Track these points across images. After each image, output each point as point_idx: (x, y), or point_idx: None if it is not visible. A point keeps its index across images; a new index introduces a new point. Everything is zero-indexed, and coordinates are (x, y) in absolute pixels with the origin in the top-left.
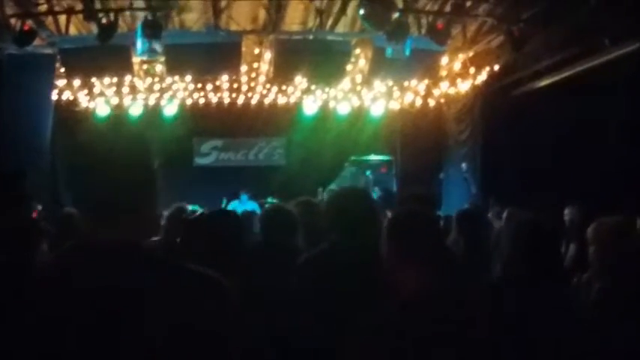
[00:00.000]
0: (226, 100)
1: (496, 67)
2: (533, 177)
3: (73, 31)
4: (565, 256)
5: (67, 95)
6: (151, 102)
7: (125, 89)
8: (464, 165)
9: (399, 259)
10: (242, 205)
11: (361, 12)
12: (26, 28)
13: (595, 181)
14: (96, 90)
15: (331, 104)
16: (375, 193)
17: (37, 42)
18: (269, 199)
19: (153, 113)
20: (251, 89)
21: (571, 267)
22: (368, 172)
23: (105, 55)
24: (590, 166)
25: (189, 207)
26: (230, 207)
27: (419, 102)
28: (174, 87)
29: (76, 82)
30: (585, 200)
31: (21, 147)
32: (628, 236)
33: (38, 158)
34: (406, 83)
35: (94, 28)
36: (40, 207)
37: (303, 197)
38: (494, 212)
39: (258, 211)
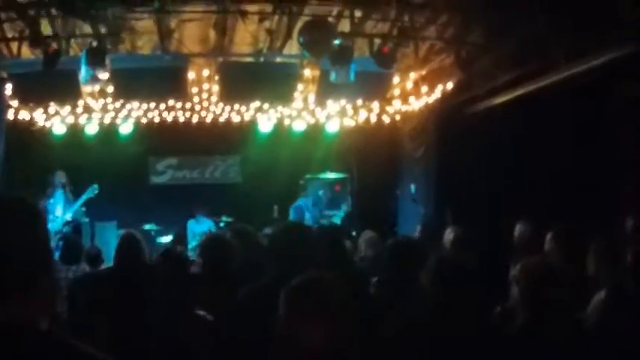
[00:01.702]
0: (181, 119)
1: (449, 85)
2: (487, 194)
3: (25, 53)
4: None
5: (23, 115)
6: (106, 121)
7: (80, 109)
8: (412, 186)
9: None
10: (198, 224)
11: (300, 40)
12: None
13: (548, 198)
14: (51, 109)
15: (286, 122)
16: (342, 212)
17: None
18: (223, 218)
19: (108, 132)
20: (204, 108)
21: None
22: (321, 192)
23: (53, 80)
24: (545, 182)
25: (146, 226)
26: (187, 226)
27: (374, 119)
28: (129, 106)
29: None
30: (540, 217)
31: None
32: (551, 283)
33: None
34: (359, 101)
35: None
36: None
37: (239, 225)
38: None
39: (213, 229)
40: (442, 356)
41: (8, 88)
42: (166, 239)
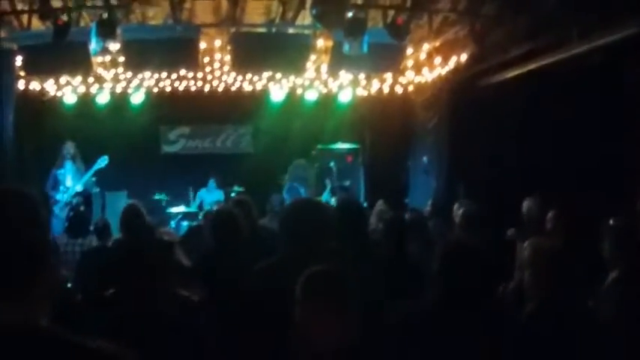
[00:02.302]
0: (192, 88)
1: (463, 57)
2: (498, 168)
3: (35, 25)
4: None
5: (33, 85)
6: (118, 90)
7: (91, 79)
8: (425, 158)
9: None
10: (209, 192)
11: (313, 12)
12: None
13: (560, 174)
14: (62, 80)
15: (298, 91)
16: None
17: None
18: (235, 188)
19: (120, 102)
20: (216, 78)
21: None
22: (332, 164)
23: (64, 52)
24: (556, 158)
25: (157, 196)
26: (198, 195)
27: (386, 89)
28: (140, 76)
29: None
30: (549, 192)
31: None
32: (563, 263)
33: (1, 151)
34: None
35: None
36: None
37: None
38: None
39: (222, 199)
40: (449, 344)
41: (18, 60)
42: (178, 209)
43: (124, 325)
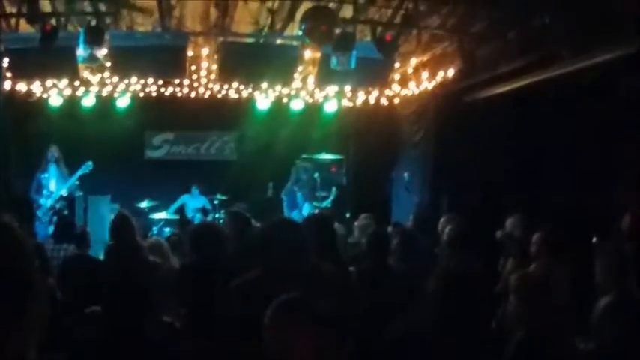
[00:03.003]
0: (179, 94)
1: (450, 72)
2: (483, 184)
3: (24, 28)
4: (502, 271)
5: (20, 86)
6: (104, 94)
7: (77, 82)
8: (406, 175)
9: None
10: (192, 199)
11: (302, 27)
12: None
13: (543, 192)
14: (49, 82)
15: (284, 100)
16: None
17: None
18: (218, 196)
19: (105, 105)
20: (202, 85)
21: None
22: (316, 175)
23: (51, 56)
24: (540, 176)
25: (141, 204)
26: (180, 201)
27: (372, 101)
28: (126, 80)
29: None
30: (532, 210)
31: None
32: (548, 291)
33: None
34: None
35: None
36: None
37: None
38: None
39: (208, 206)
40: None
41: (5, 62)
42: (160, 215)
43: (109, 345)
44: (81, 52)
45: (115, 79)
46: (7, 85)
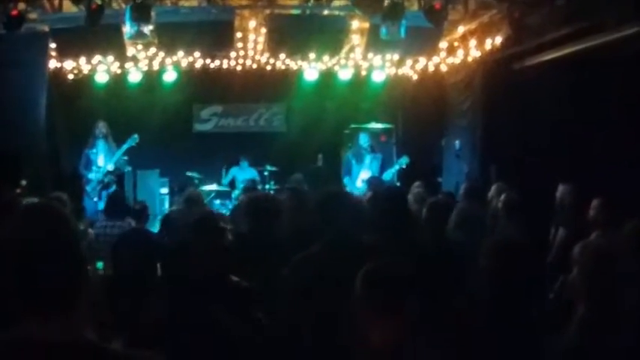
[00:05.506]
0: (225, 67)
1: (498, 40)
2: (531, 152)
3: (67, 7)
4: (553, 241)
5: (66, 64)
6: (150, 69)
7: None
8: (457, 142)
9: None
10: (242, 171)
11: None
12: (14, 13)
13: (594, 161)
14: (95, 59)
15: (332, 71)
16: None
17: (32, 16)
18: (267, 167)
19: (152, 80)
20: (249, 57)
21: (559, 254)
22: (365, 142)
23: (97, 34)
24: (589, 144)
25: (189, 173)
26: (230, 173)
27: (420, 69)
28: (174, 57)
29: None
30: (582, 179)
31: (16, 121)
32: (613, 262)
33: (34, 131)
34: None
35: None
36: (24, 182)
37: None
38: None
39: (257, 178)
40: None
41: (50, 42)
42: (210, 187)
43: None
44: (127, 28)
45: (162, 54)
46: (53, 63)
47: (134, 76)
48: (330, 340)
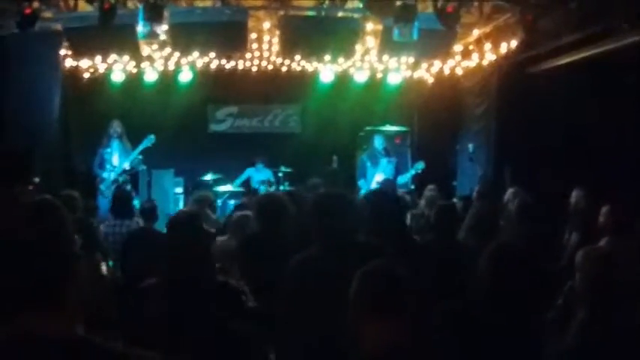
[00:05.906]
0: (240, 67)
1: (513, 44)
2: (545, 156)
3: (82, 6)
4: (567, 245)
5: (81, 63)
6: (165, 69)
7: (139, 59)
8: (470, 146)
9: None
10: (257, 172)
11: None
12: (28, 11)
13: (608, 165)
14: (110, 59)
15: (348, 73)
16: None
17: (46, 15)
18: (282, 168)
19: (167, 80)
20: (264, 58)
21: (572, 259)
22: (380, 145)
23: (111, 35)
24: (604, 148)
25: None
26: (245, 174)
27: (435, 73)
28: (190, 57)
29: None
30: (597, 184)
31: (28, 119)
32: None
33: (47, 129)
34: None
35: None
36: (37, 179)
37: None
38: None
39: (272, 179)
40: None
41: (64, 41)
42: (225, 188)
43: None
44: (140, 28)
45: (177, 54)
46: (69, 62)
47: (150, 76)
48: (329, 340)
